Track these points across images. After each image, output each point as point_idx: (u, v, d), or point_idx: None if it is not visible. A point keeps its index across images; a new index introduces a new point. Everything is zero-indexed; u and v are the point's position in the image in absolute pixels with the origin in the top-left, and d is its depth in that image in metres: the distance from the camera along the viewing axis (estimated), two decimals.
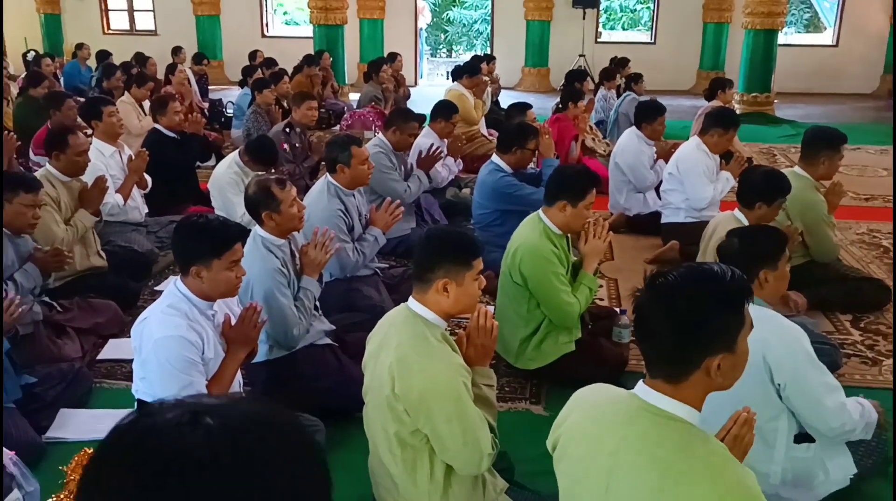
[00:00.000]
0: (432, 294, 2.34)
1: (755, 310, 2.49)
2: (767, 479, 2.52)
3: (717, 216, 4.23)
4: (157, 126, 6.06)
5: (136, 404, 2.72)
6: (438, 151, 5.57)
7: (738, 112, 8.45)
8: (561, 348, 3.52)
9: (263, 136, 5.82)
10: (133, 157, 5.17)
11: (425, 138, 6.13)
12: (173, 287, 2.69)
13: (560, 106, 7.56)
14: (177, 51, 11.44)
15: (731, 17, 14.11)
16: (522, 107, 6.20)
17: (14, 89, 8.97)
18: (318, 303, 3.48)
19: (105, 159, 5.07)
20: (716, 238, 3.92)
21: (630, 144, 5.87)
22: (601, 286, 4.82)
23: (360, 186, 4.23)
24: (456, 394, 2.23)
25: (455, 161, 6.39)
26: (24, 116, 7.36)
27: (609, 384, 1.86)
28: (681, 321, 1.60)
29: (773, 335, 2.46)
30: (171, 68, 9.42)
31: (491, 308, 4.22)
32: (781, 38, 12.51)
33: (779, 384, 2.47)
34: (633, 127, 5.97)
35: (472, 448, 2.26)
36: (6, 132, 5.26)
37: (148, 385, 2.63)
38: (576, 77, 9.07)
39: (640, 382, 1.70)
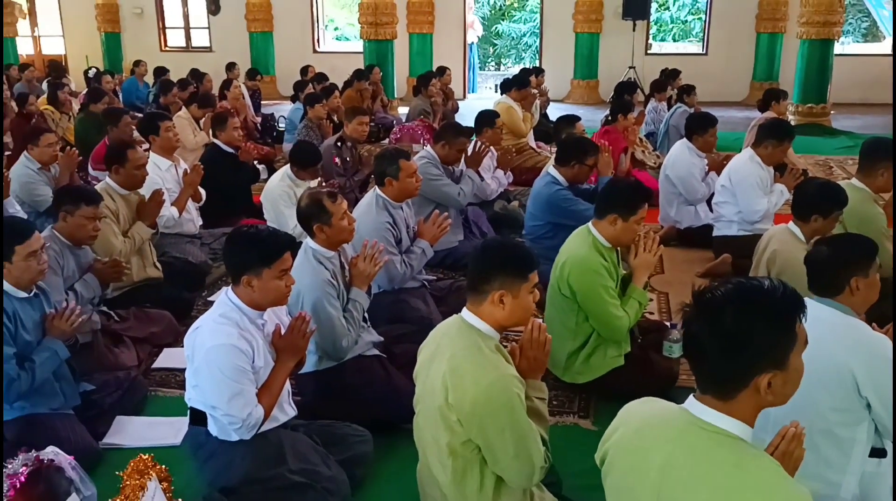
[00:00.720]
0: (487, 306, 2.33)
1: (841, 318, 2.44)
2: (838, 490, 2.44)
3: (771, 229, 4.14)
4: (215, 141, 6.21)
5: (188, 412, 2.78)
6: (484, 148, 5.57)
7: (792, 123, 8.29)
8: (609, 362, 3.49)
9: (302, 141, 5.96)
10: (188, 171, 5.30)
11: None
12: (224, 297, 2.74)
13: (609, 118, 7.51)
14: (231, 67, 11.70)
15: (786, 27, 13.84)
16: (571, 119, 6.17)
17: (75, 105, 9.28)
18: (366, 315, 3.51)
19: (161, 173, 5.21)
20: (769, 252, 3.84)
21: (681, 156, 5.79)
22: (651, 300, 4.77)
23: (408, 199, 4.27)
24: (510, 405, 2.21)
25: (505, 174, 6.40)
26: (85, 131, 7.62)
27: (658, 398, 1.83)
28: (728, 339, 1.56)
29: (862, 347, 2.39)
30: (226, 84, 9.65)
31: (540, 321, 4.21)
32: (838, 48, 12.23)
33: (865, 397, 2.40)
34: (685, 139, 5.90)
35: (524, 460, 2.24)
36: (68, 148, 5.44)
37: (200, 393, 2.69)
38: (626, 89, 9.01)
39: (691, 396, 1.67)
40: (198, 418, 2.75)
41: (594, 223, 3.55)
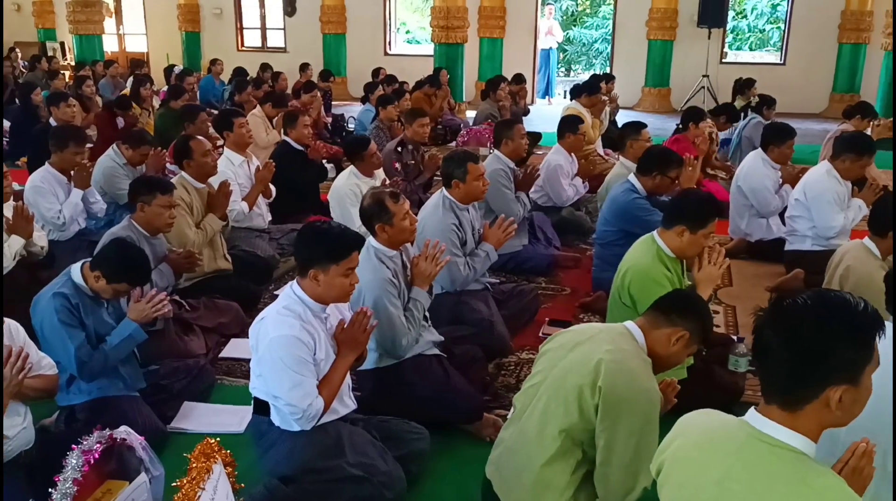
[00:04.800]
0: (661, 335, 2.43)
1: None
2: None
3: (845, 245, 4.00)
4: (286, 139, 6.36)
5: (252, 401, 2.85)
6: (534, 170, 5.50)
7: (873, 137, 7.99)
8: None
9: (353, 135, 6.00)
10: (260, 167, 5.44)
11: (555, 155, 6.18)
12: (289, 290, 2.81)
13: (680, 126, 7.38)
14: (304, 67, 11.94)
15: (870, 38, 13.36)
16: (637, 126, 6.02)
17: (156, 101, 9.61)
18: (427, 314, 3.53)
19: (234, 168, 5.36)
20: (842, 268, 3.72)
21: (755, 168, 5.64)
22: (717, 313, 4.67)
23: (474, 201, 4.28)
24: (650, 417, 2.28)
25: (583, 182, 6.38)
26: (164, 126, 7.92)
27: (718, 411, 1.80)
28: (803, 348, 1.52)
29: None
30: (308, 87, 9.66)
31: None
32: None
33: None
34: (759, 150, 5.75)
35: (631, 474, 2.27)
36: (156, 149, 5.65)
37: (263, 383, 2.76)
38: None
39: (752, 409, 1.64)
40: (261, 407, 2.82)
41: (660, 233, 3.49)
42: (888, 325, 2.35)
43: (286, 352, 2.65)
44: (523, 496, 2.43)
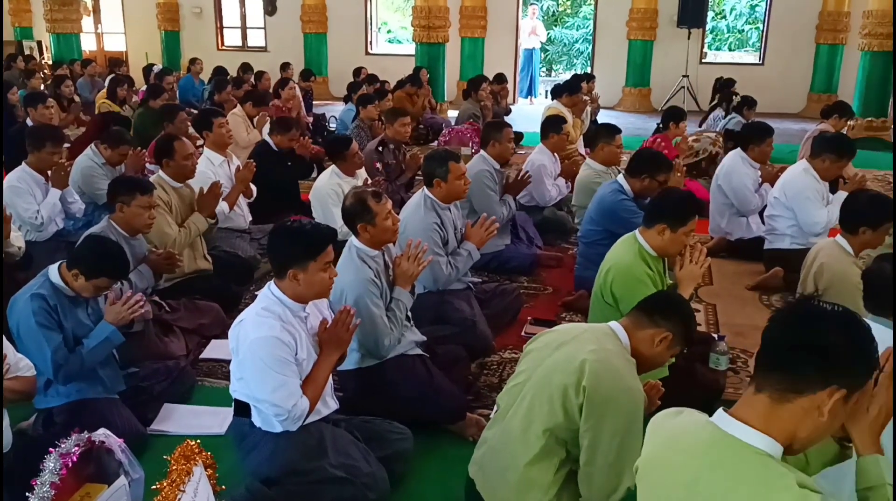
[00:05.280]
0: (644, 336, 2.44)
1: None
2: None
3: (819, 243, 4.04)
4: (266, 139, 6.32)
5: (233, 403, 2.83)
6: (527, 176, 5.50)
7: (851, 137, 8.08)
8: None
9: (335, 134, 5.99)
10: (241, 167, 5.40)
11: (539, 155, 6.18)
12: (267, 291, 2.79)
13: (661, 125, 7.43)
14: (285, 66, 11.89)
15: (847, 39, 13.52)
16: (612, 130, 5.78)
17: (135, 100, 9.53)
18: (410, 314, 3.53)
19: (214, 168, 5.33)
20: (816, 265, 3.75)
21: (735, 167, 5.69)
22: (697, 311, 4.70)
23: (456, 201, 4.28)
24: (635, 417, 2.29)
25: (566, 183, 6.39)
26: (143, 125, 7.83)
27: (688, 409, 1.77)
28: (823, 341, 1.50)
29: None
30: (281, 83, 9.77)
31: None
32: None
33: None
34: (739, 149, 5.79)
35: (615, 473, 2.29)
36: (136, 149, 5.60)
37: (244, 385, 2.74)
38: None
39: (720, 410, 1.63)
40: (242, 409, 2.80)
41: (641, 231, 3.51)
42: (878, 327, 2.39)
43: (267, 353, 2.63)
44: (507, 495, 2.43)
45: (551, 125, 6.26)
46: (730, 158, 5.84)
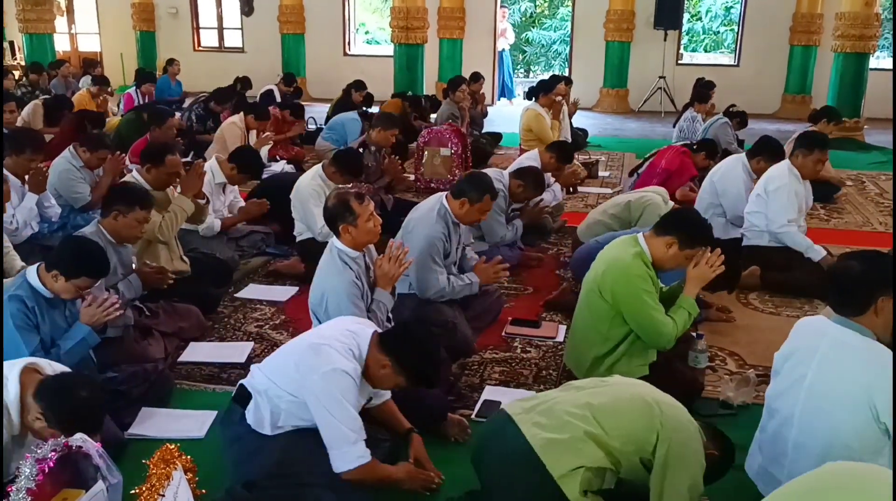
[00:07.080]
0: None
1: (865, 342, 2.42)
2: None
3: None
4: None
5: (234, 391, 2.80)
6: (544, 204, 5.76)
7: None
8: (634, 371, 3.45)
9: (351, 148, 5.97)
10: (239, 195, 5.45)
11: (532, 161, 6.16)
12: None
13: (695, 146, 7.35)
14: (290, 81, 11.81)
15: (820, 40, 13.68)
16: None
17: (111, 104, 9.42)
18: (390, 315, 3.52)
19: (212, 187, 5.22)
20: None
21: (733, 170, 5.70)
22: None
23: (467, 223, 4.26)
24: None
25: (562, 189, 6.47)
26: (129, 131, 7.72)
27: None
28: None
29: (882, 379, 2.33)
30: (294, 109, 9.41)
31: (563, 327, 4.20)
32: (873, 62, 12.09)
33: (884, 423, 2.36)
34: (743, 155, 5.81)
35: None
36: (116, 153, 5.53)
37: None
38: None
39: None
40: (242, 398, 2.80)
41: (646, 237, 3.47)
42: (839, 328, 2.46)
43: (340, 388, 2.66)
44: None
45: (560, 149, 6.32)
46: (731, 160, 5.85)
